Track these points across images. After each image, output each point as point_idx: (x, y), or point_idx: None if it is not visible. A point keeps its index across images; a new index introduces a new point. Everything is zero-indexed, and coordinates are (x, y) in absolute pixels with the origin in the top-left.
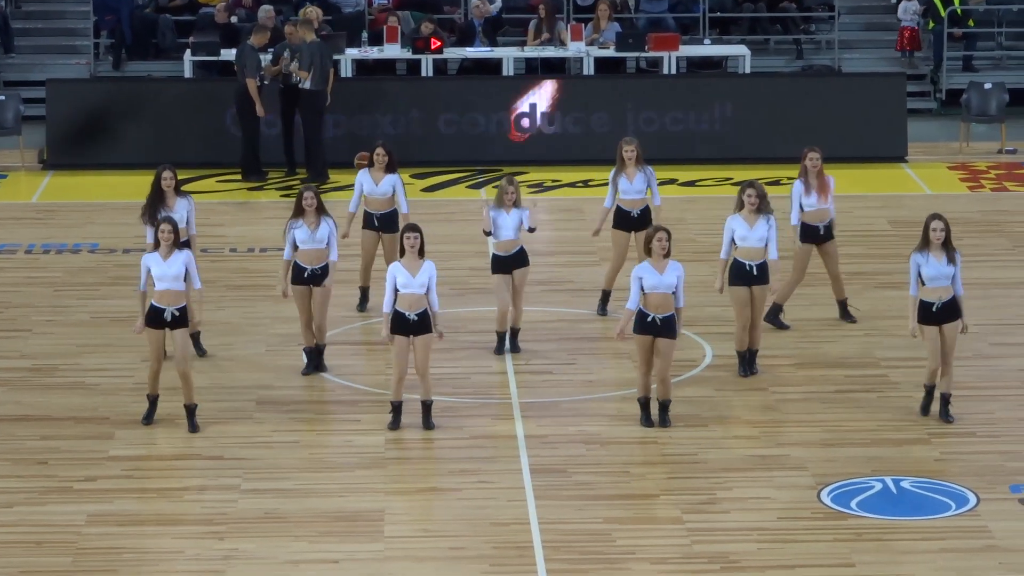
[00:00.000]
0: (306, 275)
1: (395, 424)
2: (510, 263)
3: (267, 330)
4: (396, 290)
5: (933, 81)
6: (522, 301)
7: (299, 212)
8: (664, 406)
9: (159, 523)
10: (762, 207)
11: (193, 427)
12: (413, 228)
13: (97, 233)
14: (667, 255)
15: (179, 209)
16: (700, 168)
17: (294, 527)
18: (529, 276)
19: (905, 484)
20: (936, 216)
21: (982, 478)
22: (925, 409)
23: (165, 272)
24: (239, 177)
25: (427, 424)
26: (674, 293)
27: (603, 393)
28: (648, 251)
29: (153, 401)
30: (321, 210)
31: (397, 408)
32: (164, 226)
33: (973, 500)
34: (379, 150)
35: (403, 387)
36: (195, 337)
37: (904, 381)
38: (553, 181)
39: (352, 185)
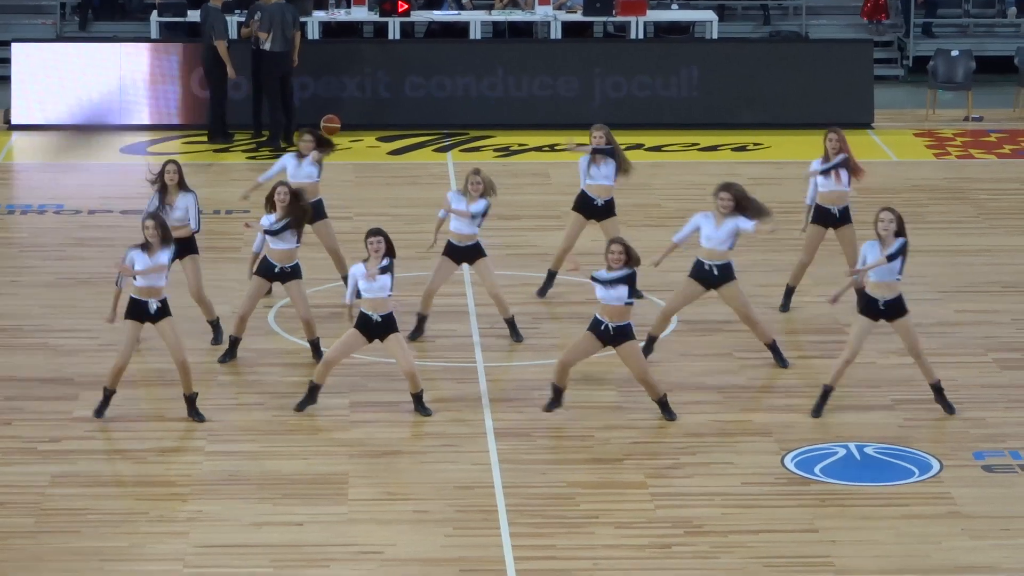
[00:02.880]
0: (276, 271)
1: (302, 405)
2: (462, 254)
3: (232, 293)
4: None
5: (900, 48)
6: (499, 289)
7: (271, 208)
8: (663, 402)
9: (123, 484)
10: (737, 211)
11: (199, 416)
12: (376, 232)
13: (62, 194)
14: (625, 265)
15: (180, 205)
16: (666, 133)
17: (258, 489)
18: (495, 240)
19: (869, 450)
20: (886, 208)
21: (945, 445)
22: (817, 411)
23: (148, 267)
24: (205, 139)
25: (423, 411)
26: (629, 303)
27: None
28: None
29: (108, 396)
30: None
31: (314, 390)
32: (148, 223)
33: (936, 467)
34: (307, 136)
35: (329, 373)
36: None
37: (869, 348)
38: (520, 145)
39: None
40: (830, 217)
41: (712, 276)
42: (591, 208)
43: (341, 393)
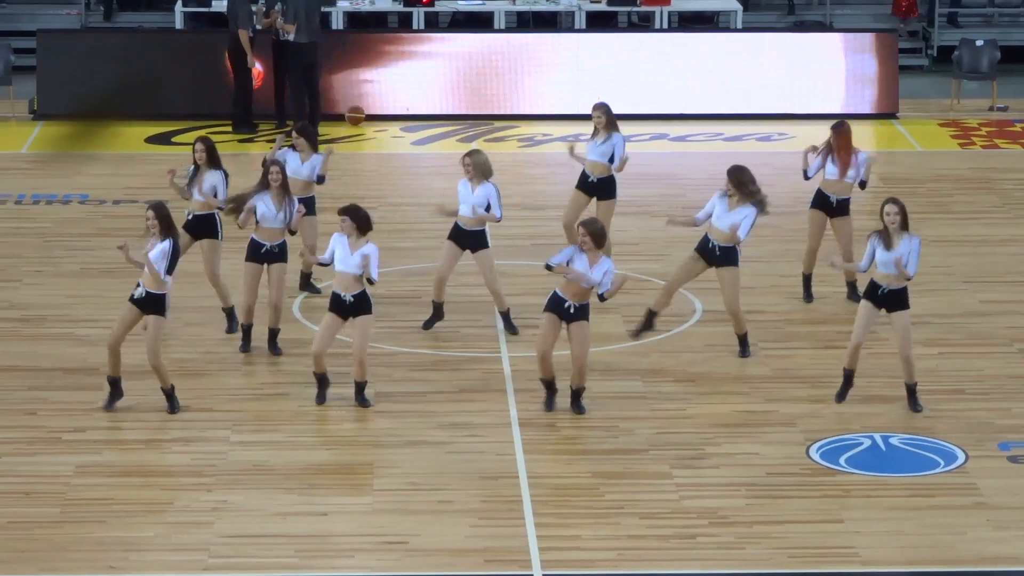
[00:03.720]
0: (263, 251)
1: (320, 397)
2: (467, 239)
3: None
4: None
5: (925, 38)
6: (497, 283)
7: (264, 186)
8: (577, 394)
9: (147, 474)
10: (743, 198)
11: (173, 407)
12: (346, 210)
13: (87, 184)
14: (598, 249)
15: (208, 181)
16: (691, 123)
17: (283, 479)
18: (519, 231)
19: (894, 441)
20: (891, 200)
21: (971, 435)
22: (841, 396)
23: (137, 260)
24: (229, 128)
25: (362, 402)
26: (596, 288)
27: (592, 347)
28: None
29: (114, 382)
30: (286, 188)
31: (321, 380)
32: (147, 212)
33: (962, 457)
34: (296, 136)
35: (324, 360)
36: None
37: (895, 338)
38: (544, 135)
39: (342, 138)
40: (827, 204)
41: (714, 255)
42: (586, 184)
43: (366, 383)
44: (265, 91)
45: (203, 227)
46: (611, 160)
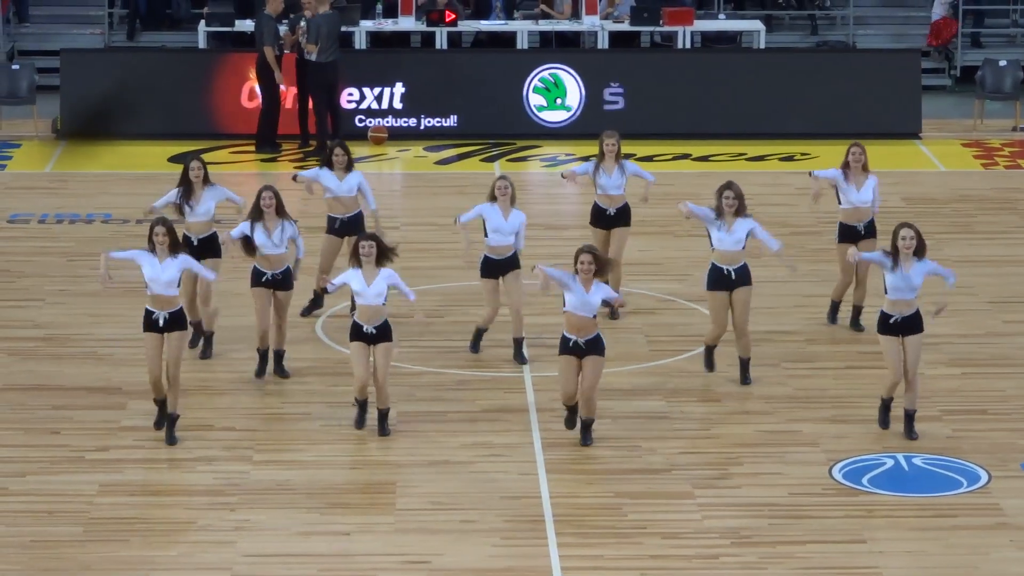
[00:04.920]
0: (264, 280)
1: (360, 422)
2: (501, 268)
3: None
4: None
5: (948, 58)
6: (522, 307)
7: (257, 215)
8: (586, 425)
9: (171, 493)
10: (740, 209)
11: (171, 439)
12: (373, 236)
13: (110, 203)
14: (593, 278)
15: (205, 201)
16: (714, 143)
17: (305, 499)
18: (541, 251)
19: (917, 461)
20: (905, 224)
21: (993, 455)
22: (884, 423)
23: (158, 276)
24: (252, 148)
25: (383, 431)
26: (594, 317)
27: (615, 368)
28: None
29: (161, 404)
30: (281, 211)
31: (362, 405)
32: (158, 229)
33: (985, 477)
34: (336, 149)
35: (366, 389)
36: (208, 338)
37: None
38: (567, 155)
39: (365, 157)
40: (854, 234)
41: (730, 280)
42: (603, 218)
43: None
44: (289, 110)
45: (206, 248)
46: (624, 189)
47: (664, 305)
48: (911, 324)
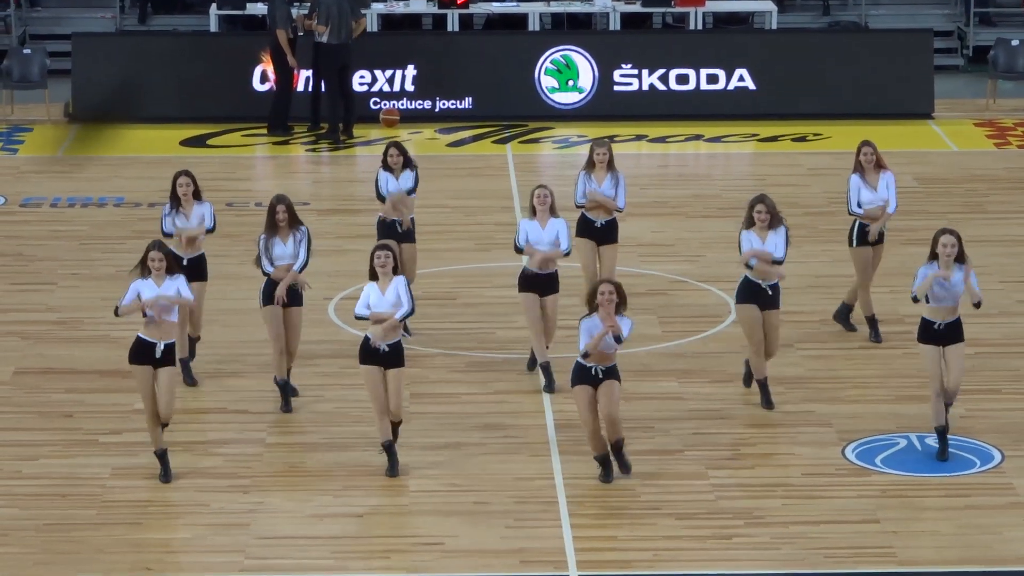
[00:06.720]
0: (270, 295)
1: (392, 470)
2: (540, 284)
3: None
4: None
5: (960, 38)
6: (553, 330)
7: (272, 228)
8: (617, 447)
9: (184, 476)
10: (773, 222)
11: (166, 476)
12: (383, 247)
13: (122, 187)
14: (618, 310)
15: (195, 217)
16: (726, 124)
17: (318, 481)
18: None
19: (930, 441)
20: (946, 231)
21: (1007, 435)
22: (943, 452)
23: (160, 296)
24: (264, 131)
25: (392, 470)
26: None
27: (628, 349)
28: (592, 305)
29: (162, 455)
30: (294, 222)
31: (389, 448)
32: (154, 254)
33: (998, 457)
34: (392, 150)
35: (387, 424)
36: (183, 362)
37: None
38: (579, 136)
39: (377, 139)
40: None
41: (767, 296)
42: (591, 230)
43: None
44: (300, 93)
45: (195, 269)
46: (615, 199)
47: (676, 286)
48: (954, 332)
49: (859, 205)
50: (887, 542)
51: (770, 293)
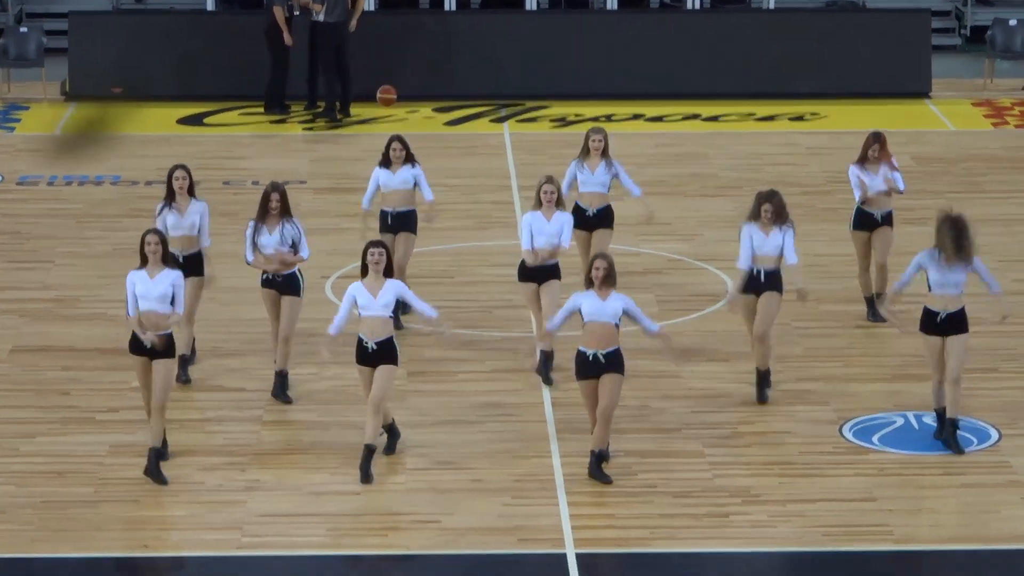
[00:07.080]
0: (265, 279)
1: (391, 448)
2: (537, 273)
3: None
4: (354, 312)
5: (958, 17)
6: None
7: (263, 215)
8: (599, 458)
9: (181, 454)
10: (778, 220)
11: (161, 479)
12: (378, 244)
13: (119, 165)
14: (605, 283)
15: (191, 214)
16: (723, 103)
17: (316, 458)
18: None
19: (927, 419)
20: (949, 217)
21: (1004, 414)
22: (947, 440)
23: (149, 291)
24: (261, 109)
25: (391, 449)
26: (617, 325)
27: (626, 327)
28: (589, 280)
29: (153, 453)
30: (286, 212)
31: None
32: (150, 238)
33: (995, 436)
34: (395, 144)
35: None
36: (182, 358)
37: None
38: (576, 116)
39: (373, 119)
40: (871, 222)
41: (759, 282)
42: (583, 219)
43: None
44: (297, 72)
45: (189, 265)
46: (609, 189)
47: (673, 265)
48: (957, 322)
49: (865, 191)
50: (884, 520)
51: (763, 279)
